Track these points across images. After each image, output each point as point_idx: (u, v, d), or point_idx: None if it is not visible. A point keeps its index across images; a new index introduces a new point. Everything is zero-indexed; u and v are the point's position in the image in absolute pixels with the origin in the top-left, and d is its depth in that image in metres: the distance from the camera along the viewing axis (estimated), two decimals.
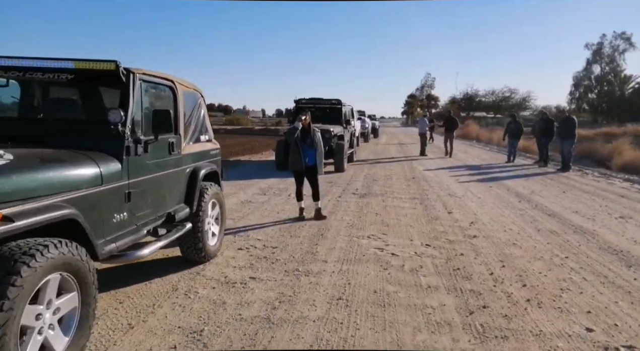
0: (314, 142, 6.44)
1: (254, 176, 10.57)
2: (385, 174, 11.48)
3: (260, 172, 11.34)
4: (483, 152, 20.06)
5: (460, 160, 15.79)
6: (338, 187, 9.36)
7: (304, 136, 6.37)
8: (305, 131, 6.36)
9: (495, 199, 8.18)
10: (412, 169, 12.77)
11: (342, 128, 12.61)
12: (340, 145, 11.79)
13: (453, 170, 12.74)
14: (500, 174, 11.78)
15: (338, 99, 12.94)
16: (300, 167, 6.42)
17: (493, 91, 64.53)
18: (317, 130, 6.56)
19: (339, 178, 10.75)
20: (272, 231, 5.76)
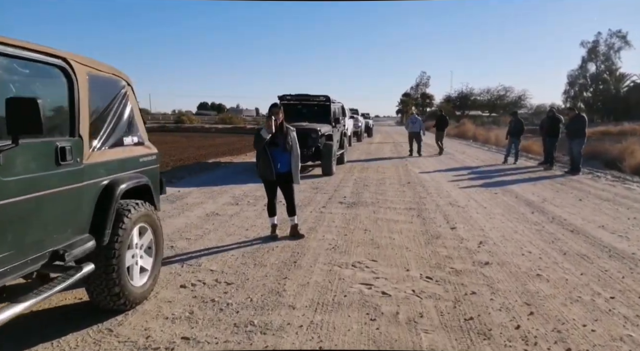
0: (288, 145, 5.17)
1: (230, 181, 9.33)
2: (378, 178, 10.29)
3: (238, 177, 10.11)
4: (481, 152, 18.91)
5: (458, 161, 14.62)
6: (324, 194, 8.15)
7: (275, 137, 5.11)
8: (278, 131, 5.12)
9: (504, 210, 7.00)
10: (407, 172, 11.58)
11: (331, 127, 11.40)
12: (329, 146, 10.58)
13: (451, 172, 11.57)
14: (504, 178, 10.61)
15: (326, 96, 11.73)
16: (271, 176, 5.18)
17: (488, 90, 63.57)
18: (292, 129, 5.32)
19: (326, 182, 9.55)
20: (233, 258, 4.55)
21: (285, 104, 11.92)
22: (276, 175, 5.19)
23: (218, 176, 10.32)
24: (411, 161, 14.55)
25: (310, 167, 11.77)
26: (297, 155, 5.30)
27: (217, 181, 9.43)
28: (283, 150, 5.17)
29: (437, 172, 11.71)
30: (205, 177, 10.03)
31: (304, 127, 10.61)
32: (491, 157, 16.15)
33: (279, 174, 5.22)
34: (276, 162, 5.18)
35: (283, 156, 5.21)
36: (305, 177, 10.34)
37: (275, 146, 5.14)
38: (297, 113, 11.86)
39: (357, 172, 11.34)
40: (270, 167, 5.11)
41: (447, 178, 10.61)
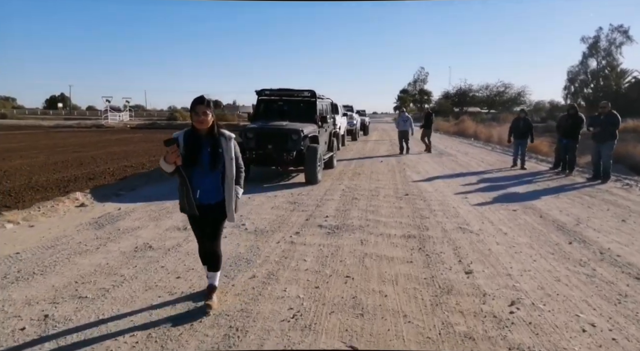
0: (218, 161, 3.27)
1: None
2: (371, 188, 8.58)
3: None
4: (486, 153, 17.20)
5: (461, 164, 12.91)
6: (301, 212, 6.46)
7: (196, 148, 3.24)
8: (203, 139, 3.28)
9: (531, 238, 5.32)
10: (405, 179, 9.88)
11: (317, 127, 9.68)
12: (313, 149, 8.86)
13: (456, 180, 9.87)
14: (519, 188, 8.92)
15: (311, 91, 10.00)
16: (192, 210, 3.27)
17: (487, 86, 61.94)
18: (230, 137, 3.37)
19: (308, 194, 7.85)
20: (126, 346, 2.84)
21: (265, 100, 10.22)
22: (199, 208, 3.29)
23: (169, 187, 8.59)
24: (409, 163, 12.84)
25: (293, 174, 10.06)
26: (232, 176, 3.32)
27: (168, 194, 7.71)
28: (209, 170, 3.24)
29: (440, 179, 10.01)
30: (164, 187, 8.32)
31: (283, 128, 8.91)
32: (498, 160, 14.44)
33: (203, 207, 3.29)
34: (196, 188, 3.26)
35: (208, 178, 3.27)
36: (285, 186, 8.62)
37: (194, 163, 3.22)
38: (279, 111, 10.15)
39: (347, 180, 9.63)
40: (190, 196, 3.24)
41: (451, 187, 8.91)
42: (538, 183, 9.58)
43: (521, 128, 11.91)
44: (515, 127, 12.04)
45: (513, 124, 12.25)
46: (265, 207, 6.77)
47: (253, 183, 8.91)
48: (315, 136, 9.47)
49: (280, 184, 8.94)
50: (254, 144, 8.78)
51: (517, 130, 11.97)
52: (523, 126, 11.90)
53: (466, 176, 10.54)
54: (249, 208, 6.66)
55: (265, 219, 5.99)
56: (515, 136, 12.03)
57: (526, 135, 11.82)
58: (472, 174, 10.77)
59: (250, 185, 8.66)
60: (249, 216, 6.19)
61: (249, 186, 8.66)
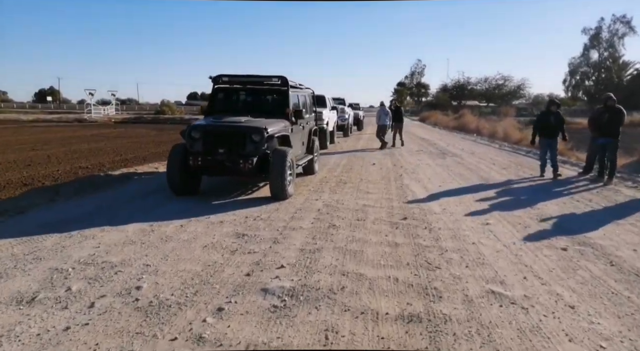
0: None
1: (101, 219, 5.32)
2: (357, 207, 6.31)
3: (142, 204, 6.12)
4: (494, 152, 14.91)
5: (470, 168, 10.63)
6: (245, 256, 4.18)
7: None
8: None
9: (614, 313, 3.07)
10: (402, 191, 7.59)
11: (288, 124, 7.38)
12: (281, 154, 6.54)
13: (469, 195, 7.59)
14: (553, 205, 6.66)
15: (282, 77, 7.62)
16: None
17: (486, 78, 59.43)
18: None
19: (269, 218, 5.57)
20: None
21: (223, 89, 7.89)
22: None
23: (97, 203, 6.27)
24: (408, 167, 10.54)
25: (261, 183, 7.76)
26: None
27: (80, 218, 5.40)
28: None
29: (447, 193, 7.72)
30: (74, 206, 6.01)
31: (240, 125, 6.61)
32: (511, 161, 12.16)
33: None
34: None
35: None
36: (242, 204, 6.33)
37: None
38: (241, 103, 7.84)
39: (327, 193, 7.35)
40: None
41: (464, 203, 6.63)
42: (575, 196, 7.31)
43: (552, 125, 9.19)
44: (545, 124, 9.29)
45: (540, 120, 9.50)
46: (196, 245, 4.48)
47: (202, 198, 6.61)
48: (286, 136, 7.16)
49: (237, 200, 6.66)
50: (201, 147, 6.48)
51: (547, 128, 9.24)
52: (555, 122, 9.17)
53: (481, 189, 8.26)
54: (169, 248, 4.37)
55: (181, 276, 3.70)
56: (545, 135, 9.31)
57: (557, 133, 9.23)
58: (490, 188, 8.49)
59: (196, 201, 6.37)
60: (160, 265, 3.91)
61: (192, 203, 6.42)
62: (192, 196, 6.75)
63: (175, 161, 6.52)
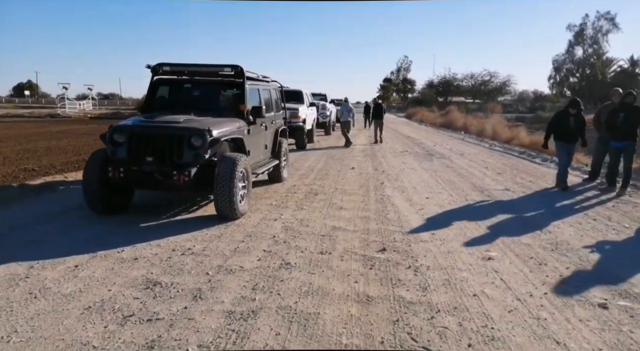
0: None
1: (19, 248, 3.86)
2: (324, 232, 4.91)
3: (40, 230, 4.62)
4: (485, 153, 13.63)
5: (461, 174, 9.30)
6: (141, 330, 2.76)
7: None
8: None
9: None
10: (382, 206, 6.21)
11: (244, 124, 5.93)
12: (228, 163, 5.07)
13: (463, 211, 6.26)
14: (567, 227, 5.34)
15: (237, 66, 6.11)
16: None
17: (472, 75, 58.45)
18: None
19: (205, 250, 4.15)
20: None
21: (164, 81, 6.41)
22: None
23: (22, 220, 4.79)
24: (391, 173, 9.16)
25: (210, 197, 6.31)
26: None
27: None
28: None
29: (436, 205, 6.37)
30: None
31: (176, 126, 5.16)
32: (505, 164, 10.87)
33: None
34: None
35: None
36: (178, 227, 4.86)
37: None
38: (186, 99, 6.37)
39: (292, 208, 5.94)
40: None
41: (458, 228, 5.26)
42: (589, 212, 6.00)
43: (572, 127, 7.44)
44: (563, 126, 7.52)
45: (557, 122, 7.64)
46: (75, 307, 3.03)
47: (130, 217, 5.16)
48: (239, 139, 5.71)
49: (173, 221, 5.20)
50: (125, 154, 5.01)
51: (567, 129, 7.48)
52: (575, 124, 7.44)
53: (473, 198, 6.93)
54: (31, 312, 2.92)
55: None
56: (564, 138, 7.55)
57: (576, 137, 7.61)
58: (480, 194, 7.17)
59: (119, 223, 4.89)
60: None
61: (113, 226, 4.96)
62: (119, 214, 5.29)
63: (93, 172, 5.03)
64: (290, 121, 12.56)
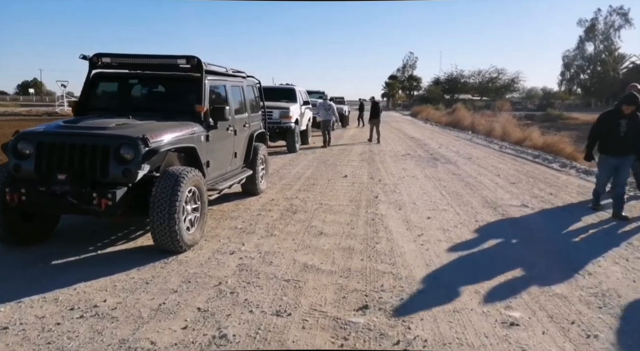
0: None
1: None
2: (288, 277, 3.71)
3: None
4: (497, 156, 12.33)
5: (470, 184, 8.04)
6: None
7: None
8: None
9: None
10: (372, 233, 5.00)
11: (200, 129, 4.72)
12: (170, 180, 3.89)
13: (473, 239, 5.03)
14: (617, 269, 4.08)
15: (193, 58, 4.86)
16: None
17: (479, 72, 56.75)
18: None
19: (118, 306, 2.96)
20: None
21: (102, 76, 5.21)
22: None
23: None
24: (388, 182, 7.93)
25: None
26: None
27: None
28: None
29: (439, 234, 5.14)
30: None
31: (99, 133, 3.96)
32: (519, 170, 9.57)
33: None
34: None
35: None
36: (104, 262, 3.66)
37: None
38: (130, 97, 5.18)
39: (259, 234, 4.73)
40: None
41: (467, 267, 4.05)
42: (634, 242, 4.72)
43: (624, 133, 5.43)
44: (612, 131, 5.50)
45: (603, 127, 5.65)
46: None
47: (50, 247, 3.97)
48: (191, 149, 4.50)
49: (101, 255, 4.02)
50: (33, 169, 3.83)
51: (615, 136, 5.48)
52: (629, 129, 5.40)
53: (485, 217, 5.68)
54: None
55: None
56: (610, 150, 5.59)
57: (630, 148, 5.47)
58: (492, 212, 5.91)
59: (26, 257, 3.66)
60: None
61: (15, 263, 3.78)
62: (37, 243, 4.13)
63: None
64: (280, 122, 11.38)
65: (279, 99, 12.30)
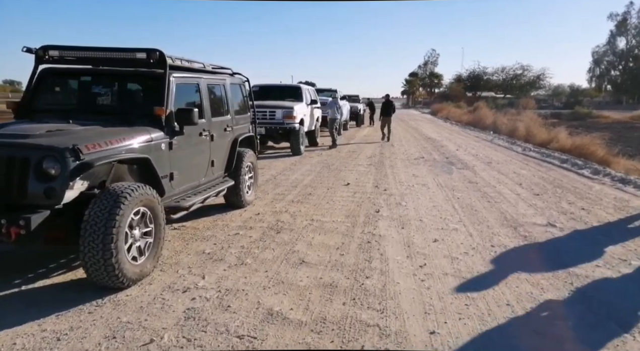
0: None
1: None
2: (243, 332, 2.91)
3: None
4: (519, 160, 11.24)
5: (488, 195, 7.07)
6: None
7: None
8: None
9: None
10: (365, 262, 4.14)
11: (160, 135, 3.94)
12: (109, 201, 3.12)
13: (488, 271, 4.11)
14: None
15: (154, 51, 4.08)
16: None
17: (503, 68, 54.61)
18: None
19: None
20: None
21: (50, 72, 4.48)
22: None
23: None
24: (395, 192, 7.02)
25: None
26: None
27: None
28: None
29: (448, 272, 4.24)
30: None
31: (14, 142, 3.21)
32: (545, 178, 8.51)
33: None
34: None
35: None
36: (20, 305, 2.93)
37: None
38: (82, 98, 4.45)
39: (225, 264, 3.94)
40: None
41: (487, 338, 3.16)
42: None
43: None
44: None
45: None
46: None
47: None
48: (144, 160, 3.72)
49: (19, 294, 3.28)
50: None
51: None
52: None
53: (503, 241, 4.74)
54: None
55: None
56: None
57: None
58: (512, 233, 4.96)
59: None
60: None
61: None
62: None
63: None
64: (283, 122, 10.59)
65: (283, 98, 11.51)
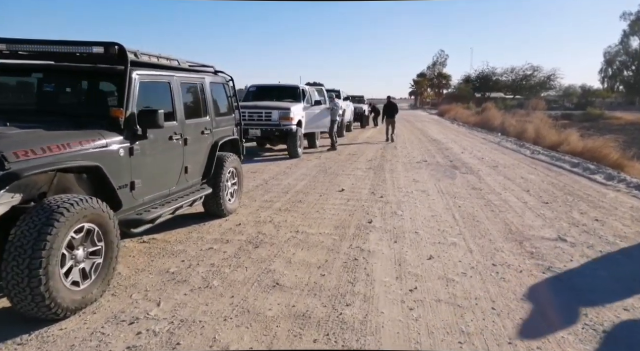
0: None
1: None
2: None
3: None
4: (527, 164, 10.64)
5: (493, 204, 6.51)
6: None
7: None
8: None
9: None
10: (348, 285, 3.64)
11: (117, 140, 3.46)
12: (39, 220, 2.65)
13: (488, 299, 3.58)
14: None
15: (113, 45, 3.60)
16: None
17: (512, 69, 53.56)
18: None
19: None
20: None
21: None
22: None
23: None
24: (392, 201, 6.49)
25: None
26: None
27: None
28: None
29: (442, 299, 3.71)
30: None
31: None
32: (554, 184, 7.91)
33: None
34: None
35: None
36: None
37: None
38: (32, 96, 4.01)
39: (187, 288, 3.45)
40: None
41: None
42: None
43: None
44: None
45: None
46: None
47: None
48: (95, 168, 3.25)
49: None
50: None
51: None
52: None
53: (506, 258, 4.20)
54: None
55: None
56: None
57: None
58: (517, 249, 4.42)
59: None
60: None
61: None
62: None
63: None
64: (279, 124, 10.11)
65: (282, 98, 11.04)
